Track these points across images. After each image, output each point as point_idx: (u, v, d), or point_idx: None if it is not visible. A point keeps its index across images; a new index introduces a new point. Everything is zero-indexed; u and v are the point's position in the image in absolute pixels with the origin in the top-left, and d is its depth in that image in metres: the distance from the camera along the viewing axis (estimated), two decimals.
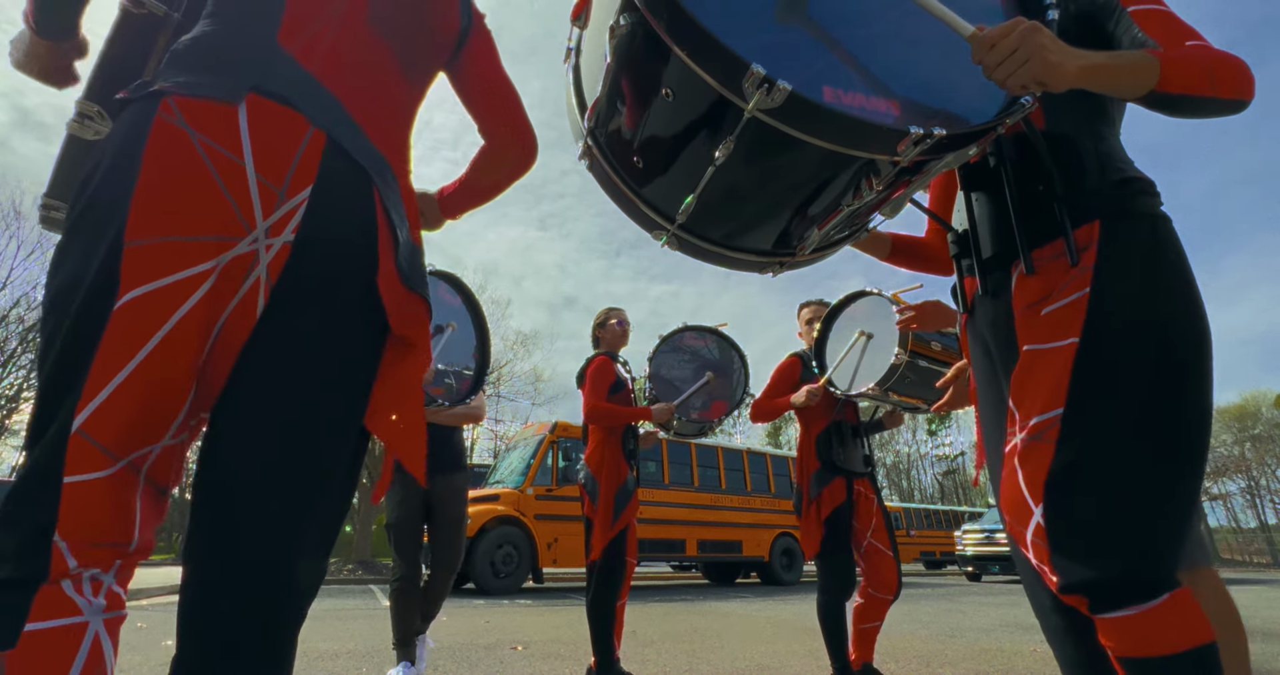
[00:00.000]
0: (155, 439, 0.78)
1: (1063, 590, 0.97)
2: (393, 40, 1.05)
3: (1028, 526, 1.01)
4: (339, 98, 0.94)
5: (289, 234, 0.85)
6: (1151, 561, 0.94)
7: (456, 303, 2.62)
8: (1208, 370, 1.03)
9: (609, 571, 2.89)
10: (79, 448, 0.72)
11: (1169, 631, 0.91)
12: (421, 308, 0.99)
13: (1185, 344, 1.02)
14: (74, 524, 0.71)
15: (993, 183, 1.24)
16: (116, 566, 0.75)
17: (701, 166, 0.94)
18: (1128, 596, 0.93)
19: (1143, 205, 1.10)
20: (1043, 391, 1.04)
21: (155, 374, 0.76)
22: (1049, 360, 1.05)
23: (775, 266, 1.14)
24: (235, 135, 0.83)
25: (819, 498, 2.90)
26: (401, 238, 0.97)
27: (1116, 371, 1.01)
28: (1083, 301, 1.05)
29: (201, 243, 0.79)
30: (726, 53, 0.80)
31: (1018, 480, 1.04)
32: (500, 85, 1.26)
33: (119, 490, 0.75)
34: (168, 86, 0.83)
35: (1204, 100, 1.01)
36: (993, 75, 0.91)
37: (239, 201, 0.82)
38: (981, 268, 1.26)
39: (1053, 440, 1.01)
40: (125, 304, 0.75)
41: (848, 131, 0.83)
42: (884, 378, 2.55)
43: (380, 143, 0.99)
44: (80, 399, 0.73)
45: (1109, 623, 0.94)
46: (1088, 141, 1.16)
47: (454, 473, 3.22)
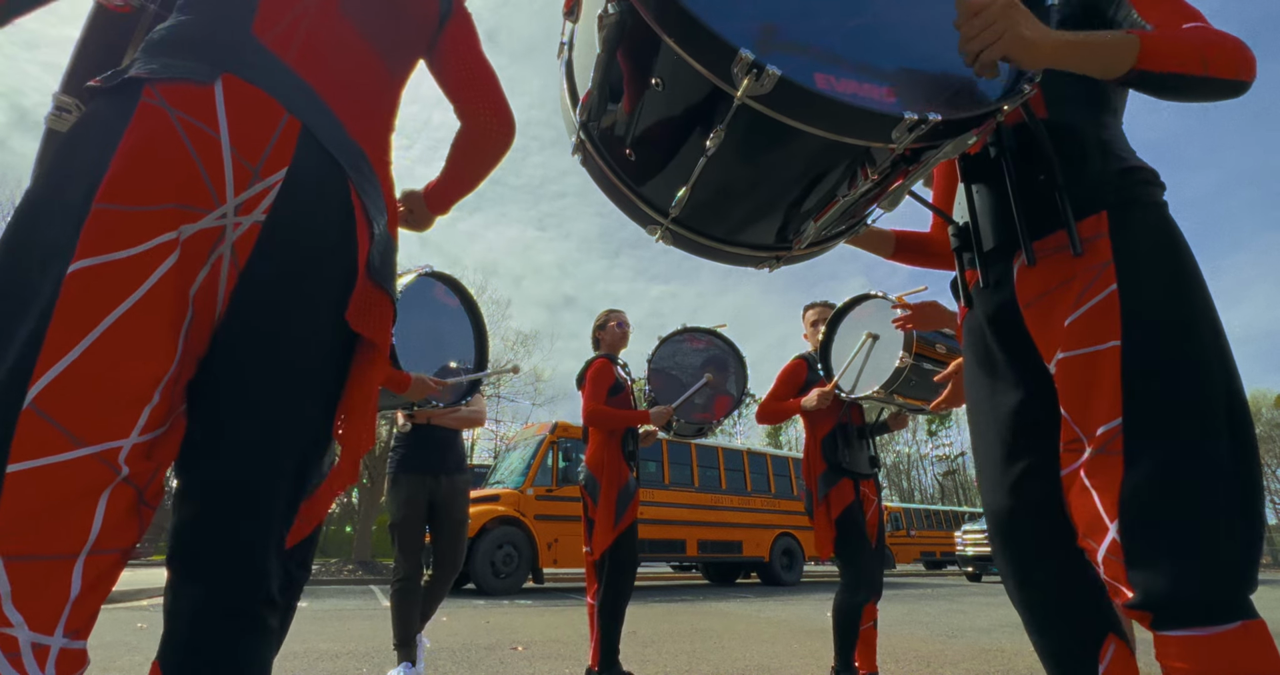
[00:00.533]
0: (125, 428, 0.72)
1: (1135, 606, 0.92)
2: (369, 29, 1.04)
3: (1102, 542, 0.96)
4: (315, 88, 0.93)
5: (259, 214, 0.83)
6: (1232, 581, 0.89)
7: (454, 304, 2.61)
8: (1235, 364, 1.00)
9: (619, 570, 2.88)
10: (33, 425, 0.64)
11: (1240, 661, 0.86)
12: (386, 306, 0.97)
13: (1219, 338, 0.99)
14: (13, 525, 0.62)
15: (993, 174, 1.23)
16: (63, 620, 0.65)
17: (693, 157, 0.92)
18: (1202, 617, 0.88)
19: (1148, 194, 1.08)
20: (1099, 401, 1.00)
21: (122, 348, 0.71)
22: (1095, 366, 1.01)
23: (772, 261, 1.12)
24: (211, 111, 0.82)
25: (828, 498, 2.90)
26: (376, 230, 0.96)
27: (1164, 372, 0.96)
28: (1113, 300, 1.01)
29: (166, 210, 0.77)
30: (714, 38, 0.78)
31: (1091, 496, 0.99)
32: (479, 66, 1.24)
33: (77, 482, 0.67)
34: (143, 73, 0.82)
35: (1195, 79, 0.99)
36: (967, 46, 0.90)
37: (210, 172, 0.80)
38: (983, 260, 1.25)
39: (1118, 451, 0.96)
40: (81, 270, 0.70)
41: (840, 118, 0.81)
42: (889, 380, 2.56)
43: (357, 133, 0.98)
44: (34, 369, 0.65)
45: (1173, 640, 0.89)
46: (1090, 130, 1.14)
47: (457, 474, 3.25)
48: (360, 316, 0.92)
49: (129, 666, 3.35)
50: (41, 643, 0.63)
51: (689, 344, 3.42)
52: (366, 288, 0.93)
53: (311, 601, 7.67)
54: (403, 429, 3.23)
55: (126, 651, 3.79)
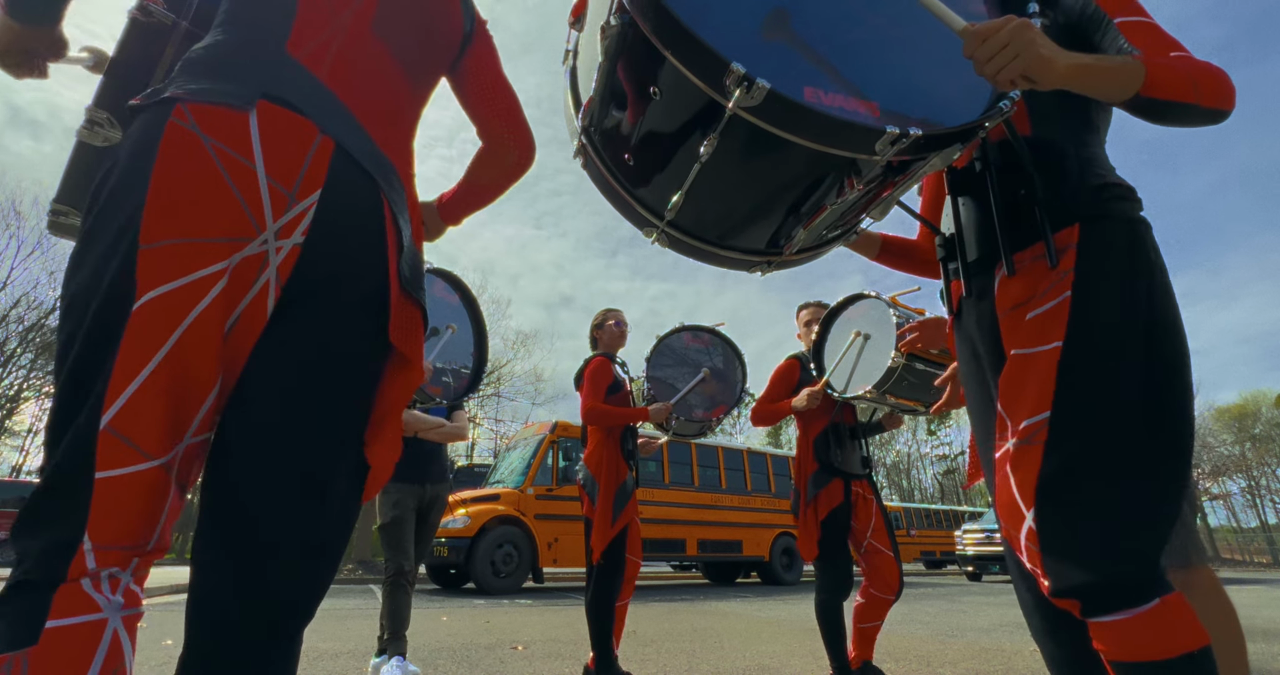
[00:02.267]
0: (180, 437, 0.79)
1: (1054, 594, 0.98)
2: (397, 47, 1.07)
3: (1020, 530, 1.02)
4: (346, 104, 0.97)
5: (299, 236, 0.87)
6: (1141, 565, 0.94)
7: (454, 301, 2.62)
8: (1187, 371, 1.04)
9: (609, 571, 2.90)
10: (109, 444, 0.73)
11: (1162, 636, 0.91)
12: (417, 315, 1.01)
13: (1164, 344, 1.03)
14: (104, 523, 0.71)
15: (978, 187, 1.26)
16: (134, 565, 0.76)
17: (688, 164, 0.95)
18: (1119, 600, 0.93)
19: (1121, 210, 1.12)
20: (1030, 395, 1.05)
21: (176, 371, 0.78)
22: (1034, 364, 1.06)
23: (763, 265, 1.16)
24: (246, 139, 0.85)
25: (816, 499, 2.91)
26: (405, 243, 0.99)
27: (1100, 374, 1.02)
28: (1065, 305, 1.06)
29: (213, 244, 0.81)
30: (708, 52, 0.82)
31: (1010, 484, 1.05)
32: (500, 87, 1.28)
33: (151, 488, 0.75)
34: (180, 93, 0.85)
35: (1187, 107, 1.03)
36: (984, 70, 0.93)
37: (249, 203, 0.83)
38: (966, 271, 1.28)
39: (1041, 443, 1.02)
40: (143, 304, 0.76)
41: (826, 130, 0.84)
42: (880, 380, 2.56)
43: (386, 147, 1.01)
44: (106, 396, 0.74)
45: (1101, 627, 0.94)
46: (1070, 147, 1.17)
47: (441, 483, 3.58)
48: (399, 332, 0.96)
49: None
50: (116, 574, 0.75)
51: (688, 342, 3.43)
52: (401, 301, 0.97)
53: None
54: None
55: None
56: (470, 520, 9.23)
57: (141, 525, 0.75)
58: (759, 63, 0.83)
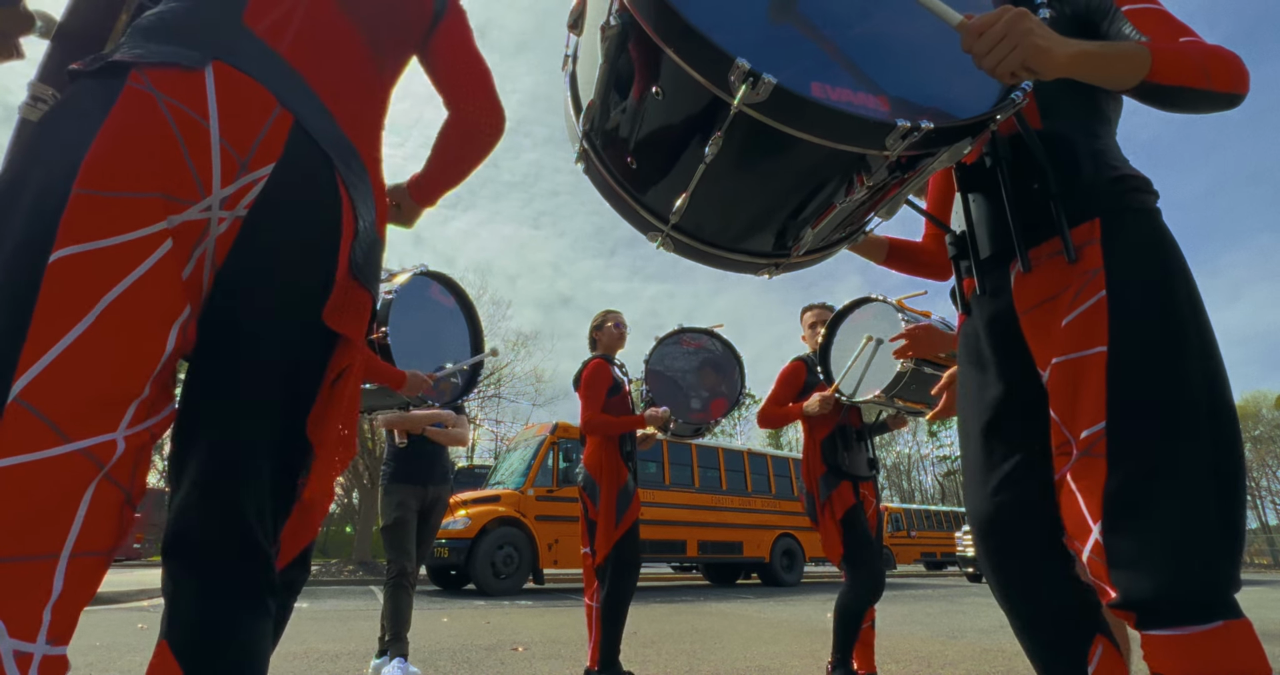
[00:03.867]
0: (113, 422, 0.70)
1: (1118, 605, 0.94)
2: (363, 24, 1.03)
3: (1087, 543, 0.98)
4: (307, 80, 0.92)
5: (242, 209, 0.81)
6: (1212, 583, 0.90)
7: (450, 303, 2.61)
8: (1224, 369, 1.01)
9: (621, 571, 2.89)
10: (19, 419, 0.63)
11: (1221, 658, 0.86)
12: (364, 303, 0.96)
13: (1205, 343, 1.00)
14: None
15: (989, 183, 1.24)
16: (45, 627, 0.63)
17: (693, 165, 0.94)
18: (1182, 616, 0.89)
19: (1139, 201, 1.10)
20: (1085, 405, 1.01)
21: (111, 339, 0.69)
22: (1081, 371, 1.03)
23: (770, 268, 1.14)
24: (201, 97, 0.80)
25: (830, 500, 2.91)
26: (362, 227, 0.95)
27: (1150, 377, 0.98)
28: (1101, 306, 1.03)
29: (151, 199, 0.74)
30: (712, 48, 0.80)
31: (1076, 498, 1.01)
32: (472, 58, 1.23)
33: (63, 478, 0.65)
34: (129, 57, 0.80)
35: (1198, 93, 1.01)
36: (982, 63, 0.91)
37: (197, 161, 0.78)
38: (979, 268, 1.26)
39: (1102, 454, 0.98)
40: (63, 258, 0.68)
41: (835, 125, 0.83)
42: (890, 384, 2.56)
43: (349, 129, 0.97)
44: (19, 361, 0.63)
45: (1157, 640, 0.91)
46: (1083, 140, 1.15)
47: (443, 484, 3.60)
48: (336, 314, 0.90)
49: (129, 667, 3.35)
50: (24, 650, 0.60)
51: (686, 344, 3.43)
52: (347, 285, 0.92)
53: (311, 602, 7.68)
54: (401, 444, 3.49)
55: (127, 651, 3.80)
56: (471, 521, 9.21)
57: (44, 526, 0.62)
58: (764, 58, 0.81)
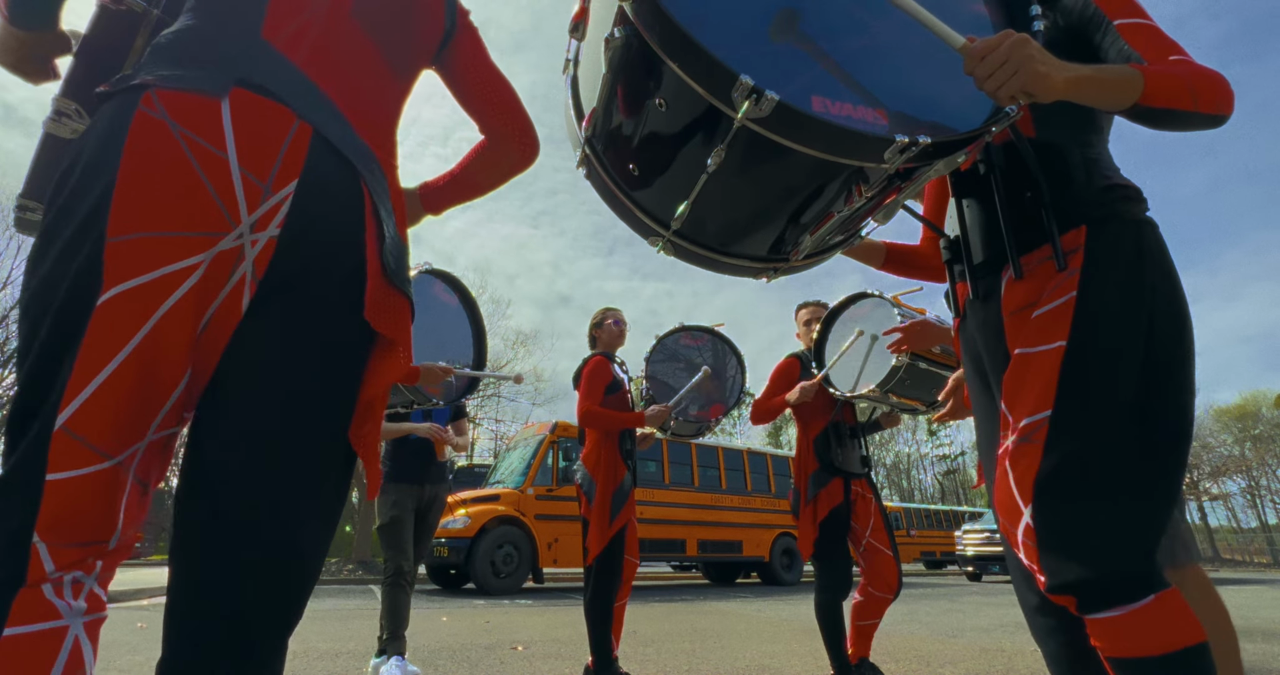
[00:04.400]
0: (141, 435, 0.77)
1: (1051, 590, 0.99)
2: (377, 35, 1.04)
3: (1018, 527, 1.03)
4: (325, 91, 0.93)
5: (274, 229, 0.83)
6: (1137, 561, 0.96)
7: (453, 301, 2.61)
8: (1189, 372, 1.05)
9: (606, 572, 2.90)
10: (64, 445, 0.71)
11: (1158, 631, 0.92)
12: (404, 306, 0.97)
13: (1168, 345, 1.04)
14: (55, 523, 0.70)
15: (983, 190, 1.27)
16: (98, 568, 0.75)
17: (695, 174, 0.95)
18: (1115, 596, 0.94)
19: (1127, 210, 1.13)
20: (1032, 394, 1.06)
21: (141, 370, 0.75)
22: (1038, 363, 1.07)
23: (770, 272, 1.16)
24: (218, 129, 0.81)
25: (816, 499, 2.92)
26: (388, 233, 0.96)
27: (1101, 373, 1.03)
28: (1069, 305, 1.07)
29: (185, 238, 0.78)
30: (716, 64, 0.82)
31: (1009, 481, 1.06)
32: (494, 81, 1.24)
33: (106, 488, 0.73)
34: (149, 80, 0.82)
35: (1185, 114, 1.04)
36: (983, 87, 0.93)
37: (222, 196, 0.80)
38: (972, 273, 1.28)
39: (1040, 441, 1.03)
40: (108, 300, 0.74)
41: (835, 140, 0.84)
42: (884, 380, 2.57)
43: (367, 136, 0.98)
44: (64, 396, 0.71)
45: (1098, 623, 0.95)
46: (1075, 149, 1.18)
47: (441, 484, 3.62)
48: (378, 315, 0.92)
49: (129, 666, 3.37)
50: (81, 579, 0.73)
51: (686, 342, 3.43)
52: (382, 287, 0.93)
53: (311, 601, 7.69)
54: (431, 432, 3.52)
55: (127, 651, 3.81)
56: (470, 520, 9.22)
57: (96, 523, 0.73)
58: (766, 73, 0.83)
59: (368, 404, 0.94)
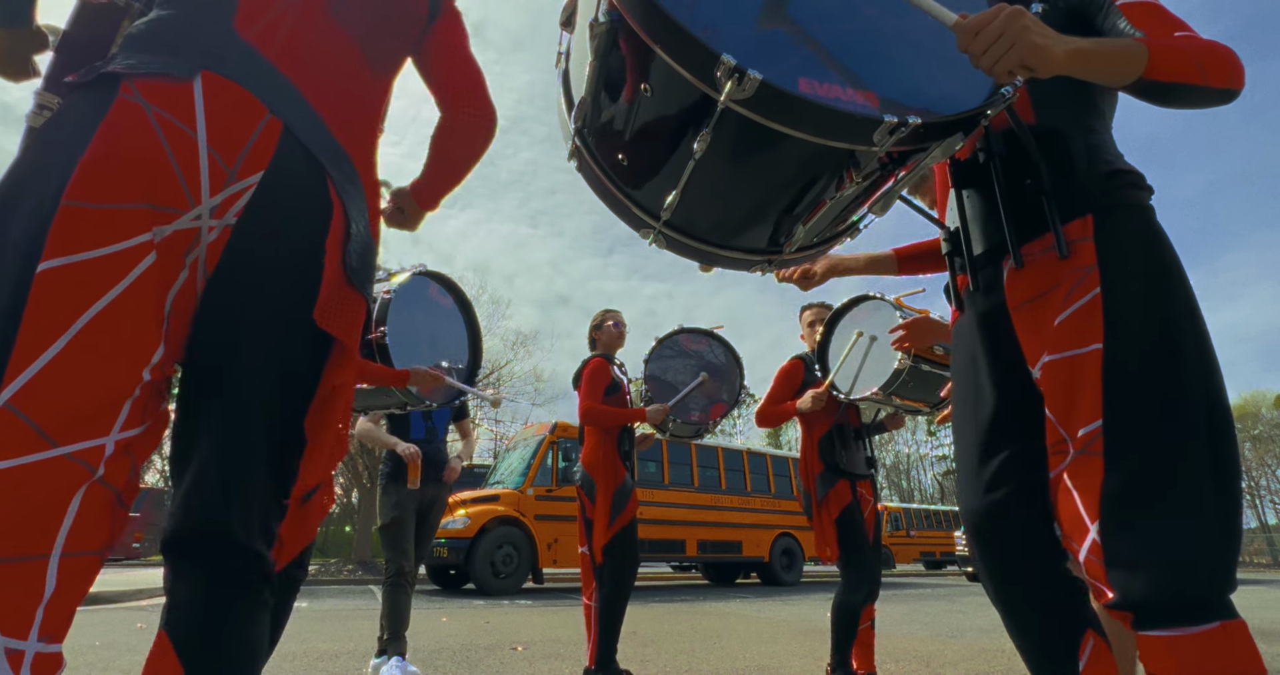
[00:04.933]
0: (103, 428, 0.72)
1: (1115, 606, 0.94)
2: (355, 27, 1.03)
3: (1084, 542, 0.98)
4: (298, 87, 0.93)
5: (231, 217, 0.83)
6: (1210, 585, 0.90)
7: (449, 304, 2.61)
8: (1219, 368, 1.01)
9: (620, 570, 2.90)
10: (8, 424, 0.65)
11: (1215, 660, 0.86)
12: (359, 306, 0.98)
13: (1200, 341, 1.00)
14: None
15: (982, 179, 1.24)
16: (37, 624, 0.65)
17: (683, 161, 0.94)
18: (1179, 617, 0.89)
19: (1133, 197, 1.10)
20: (1082, 403, 1.01)
21: (98, 349, 0.71)
22: (1077, 369, 1.03)
23: (763, 264, 1.14)
24: (189, 108, 0.81)
25: (826, 500, 2.91)
26: (354, 231, 0.96)
27: (1148, 375, 0.98)
28: (1096, 303, 1.03)
29: (139, 210, 0.76)
30: (698, 45, 0.80)
31: (1073, 497, 1.01)
32: (461, 57, 1.24)
33: (50, 482, 0.66)
34: (119, 69, 0.81)
35: (1194, 88, 1.01)
36: (979, 63, 0.91)
37: (186, 172, 0.79)
38: (972, 264, 1.26)
39: (1099, 453, 0.98)
40: (52, 269, 0.70)
41: (822, 121, 0.83)
42: (888, 382, 2.57)
43: (341, 134, 0.97)
44: (7, 369, 0.65)
45: (1152, 640, 0.91)
46: (1076, 135, 1.15)
47: (441, 485, 3.60)
48: (327, 315, 0.92)
49: (129, 666, 3.35)
50: (15, 648, 0.62)
51: (686, 344, 3.42)
52: (338, 287, 0.93)
53: (311, 601, 7.68)
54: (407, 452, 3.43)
55: (126, 651, 3.80)
56: (470, 521, 9.22)
57: (30, 528, 0.64)
58: (752, 55, 0.81)
59: (326, 396, 0.95)
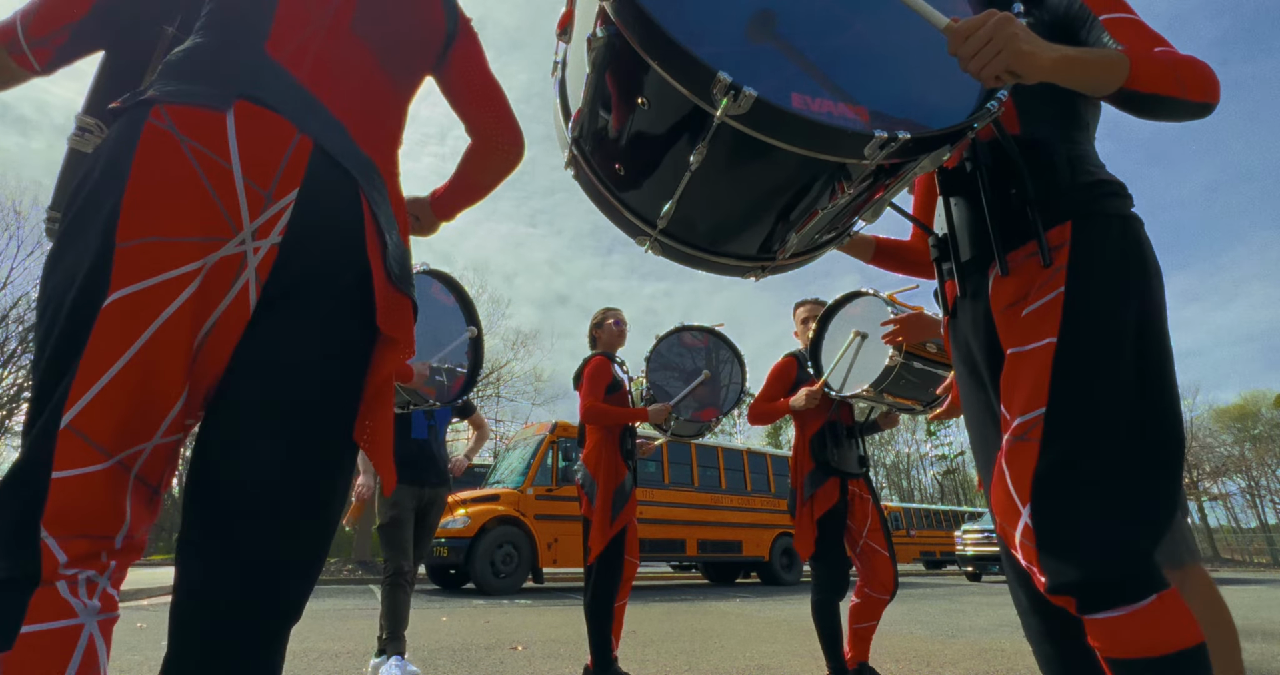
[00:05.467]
0: (147, 436, 0.80)
1: (1050, 591, 0.98)
2: (377, 46, 1.08)
3: (1016, 527, 1.02)
4: (326, 104, 0.97)
5: (276, 236, 0.87)
6: (1136, 561, 0.95)
7: (450, 302, 2.62)
8: (1173, 369, 1.06)
9: (607, 571, 2.91)
10: (69, 443, 0.74)
11: (1157, 632, 0.91)
12: (408, 308, 1.03)
13: (1155, 341, 1.05)
14: (60, 517, 0.72)
15: (969, 187, 1.27)
16: (111, 568, 0.77)
17: (679, 172, 0.96)
18: (1115, 597, 0.93)
19: (1112, 206, 1.13)
20: (1025, 391, 1.06)
21: (144, 371, 0.78)
22: (1030, 361, 1.07)
23: (757, 271, 1.16)
24: (223, 140, 0.86)
25: (812, 498, 2.92)
26: (390, 240, 1.00)
27: (1093, 369, 1.02)
28: (1058, 301, 1.07)
29: (188, 243, 0.81)
30: (695, 62, 0.82)
31: (1005, 481, 1.05)
32: (488, 86, 1.28)
33: (109, 486, 0.76)
34: (158, 95, 0.86)
35: (1172, 101, 1.04)
36: (967, 67, 0.93)
37: (225, 203, 0.84)
38: (960, 271, 1.29)
39: (1037, 439, 1.02)
40: (113, 303, 0.77)
41: (814, 136, 0.85)
42: (878, 379, 2.57)
43: (367, 147, 1.01)
44: (69, 395, 0.75)
45: (1097, 623, 0.94)
46: (1060, 146, 1.18)
47: (442, 486, 3.65)
48: (387, 318, 0.97)
49: (129, 666, 3.37)
50: (95, 578, 0.75)
51: (686, 342, 3.44)
52: (388, 293, 0.98)
53: (311, 601, 7.70)
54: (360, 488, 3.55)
55: (126, 651, 3.82)
56: (470, 520, 9.23)
57: (101, 518, 0.75)
58: (745, 71, 0.83)
59: (372, 398, 0.98)
